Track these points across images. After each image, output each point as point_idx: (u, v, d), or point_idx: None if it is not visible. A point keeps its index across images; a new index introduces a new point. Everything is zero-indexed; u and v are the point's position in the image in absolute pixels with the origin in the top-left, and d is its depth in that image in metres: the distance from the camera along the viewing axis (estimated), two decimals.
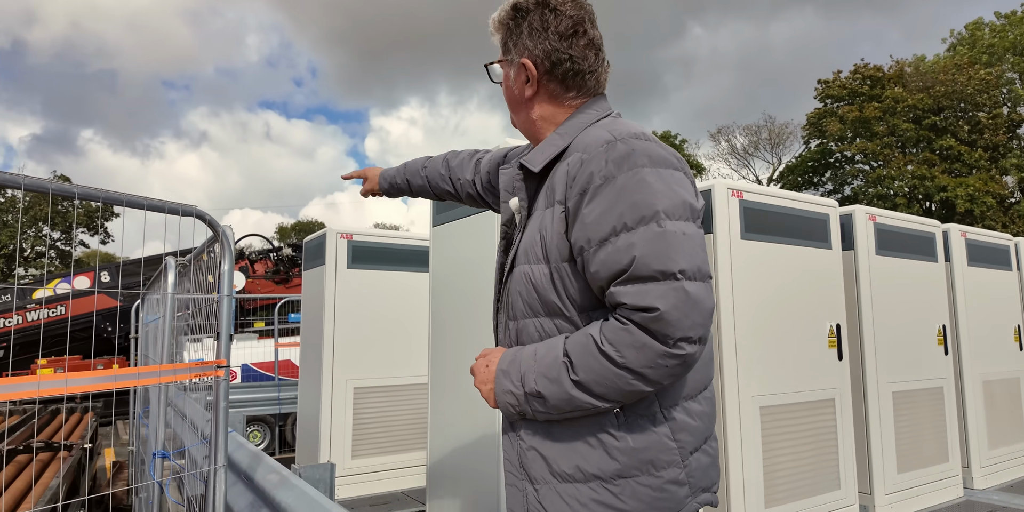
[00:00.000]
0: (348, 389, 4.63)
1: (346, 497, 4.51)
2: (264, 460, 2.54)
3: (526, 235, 1.24)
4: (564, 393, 1.11)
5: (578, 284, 1.16)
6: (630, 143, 1.12)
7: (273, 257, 12.79)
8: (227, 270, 2.32)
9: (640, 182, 1.09)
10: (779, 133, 30.89)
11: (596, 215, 1.10)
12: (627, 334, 1.06)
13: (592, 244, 1.11)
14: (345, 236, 4.75)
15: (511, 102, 1.37)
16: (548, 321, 1.19)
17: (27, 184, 1.76)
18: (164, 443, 3.34)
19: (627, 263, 1.06)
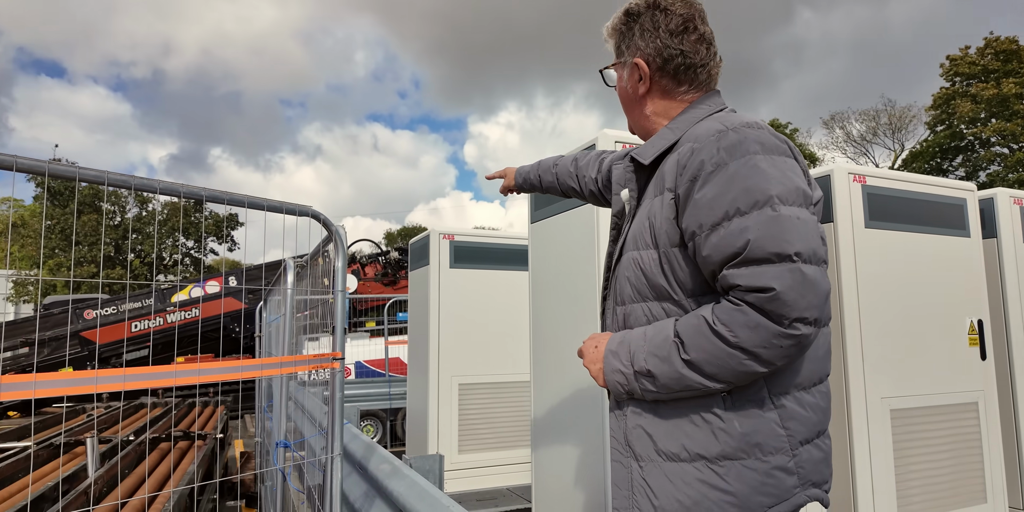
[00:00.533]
0: (453, 385, 4.73)
1: (453, 491, 4.60)
2: (377, 451, 2.63)
3: (635, 223, 1.29)
4: (674, 372, 1.13)
5: (687, 269, 1.19)
6: (742, 132, 1.15)
7: (381, 260, 13.37)
8: (340, 267, 2.42)
9: (753, 168, 1.10)
10: (900, 117, 28.57)
11: (708, 200, 1.12)
12: (741, 314, 1.07)
13: (704, 228, 1.12)
14: (447, 237, 4.85)
15: (625, 102, 1.42)
16: (656, 305, 1.23)
17: (162, 188, 1.91)
18: (286, 434, 3.55)
19: (741, 246, 1.07)
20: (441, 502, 1.81)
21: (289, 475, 3.24)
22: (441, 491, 1.93)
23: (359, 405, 6.85)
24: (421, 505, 1.86)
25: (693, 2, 1.33)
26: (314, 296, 3.76)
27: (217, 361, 4.04)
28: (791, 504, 1.14)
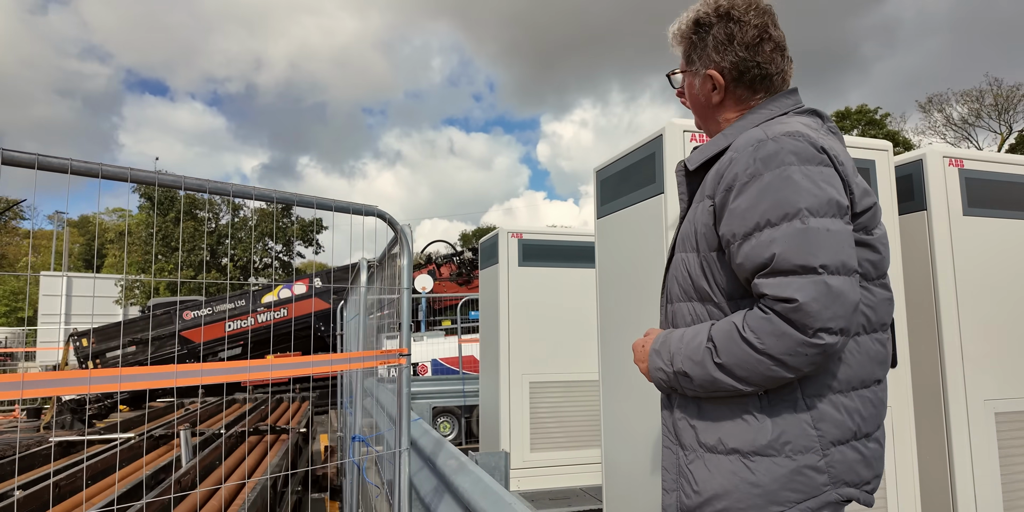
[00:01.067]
0: (524, 384, 4.72)
1: (526, 489, 4.59)
2: (445, 446, 2.66)
3: (684, 226, 1.35)
4: (708, 375, 1.20)
5: (725, 273, 1.24)
6: (780, 141, 1.16)
7: (456, 260, 13.60)
8: (405, 265, 2.46)
9: (786, 180, 1.13)
10: (1008, 97, 26.31)
11: (741, 210, 1.16)
12: (768, 323, 1.12)
13: (737, 238, 1.17)
14: (515, 235, 4.86)
15: (697, 107, 1.44)
16: (700, 306, 1.29)
17: (235, 191, 2.00)
18: (362, 429, 3.65)
19: (768, 258, 1.12)
20: (504, 499, 1.81)
21: (365, 468, 3.33)
22: (504, 488, 1.92)
23: (435, 402, 6.98)
24: (484, 501, 1.86)
25: (765, 8, 1.32)
26: (388, 296, 3.85)
27: (289, 357, 4.20)
28: (821, 501, 1.18)
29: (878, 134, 27.88)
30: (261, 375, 1.91)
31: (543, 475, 4.69)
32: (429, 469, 2.78)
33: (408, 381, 2.26)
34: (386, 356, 2.21)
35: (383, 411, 4.40)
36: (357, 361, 2.18)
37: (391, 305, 3.87)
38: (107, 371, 1.57)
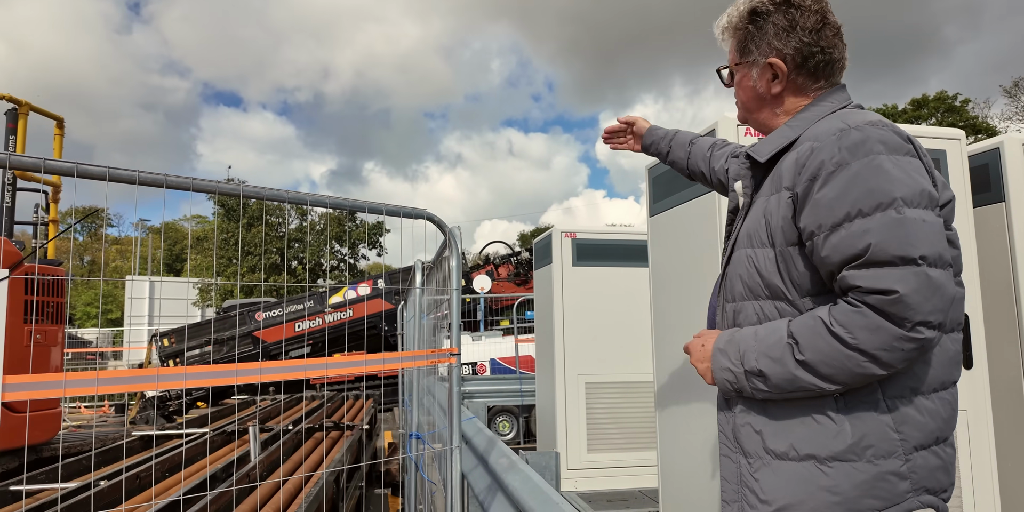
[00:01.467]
0: (580, 384, 4.71)
1: (584, 490, 4.58)
2: (497, 445, 2.69)
3: (749, 220, 1.28)
4: (787, 373, 1.13)
5: (803, 269, 1.18)
6: (865, 130, 1.12)
7: (513, 261, 13.67)
8: (455, 266, 2.50)
9: (876, 169, 1.09)
10: None
11: (828, 200, 1.11)
12: (860, 316, 1.06)
13: (823, 229, 1.11)
14: (569, 235, 4.85)
15: (752, 100, 1.38)
16: (769, 304, 1.23)
17: (291, 198, 2.09)
18: (420, 426, 3.74)
19: (862, 249, 1.07)
20: (552, 499, 1.81)
21: (422, 465, 3.41)
22: (553, 488, 1.93)
23: (493, 401, 7.04)
24: (533, 501, 1.87)
25: None
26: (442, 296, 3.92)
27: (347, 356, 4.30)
28: (902, 508, 1.12)
29: (957, 122, 26.29)
30: (315, 373, 1.99)
31: (600, 476, 4.66)
32: (483, 467, 2.82)
33: (458, 379, 2.30)
34: (436, 355, 2.25)
35: (440, 409, 4.48)
36: (408, 360, 2.23)
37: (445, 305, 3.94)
38: (172, 370, 1.67)
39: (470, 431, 3.22)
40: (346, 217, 29.70)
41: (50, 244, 6.88)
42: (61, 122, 6.98)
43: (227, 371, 1.71)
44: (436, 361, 2.25)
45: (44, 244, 6.52)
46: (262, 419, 5.86)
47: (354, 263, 32.30)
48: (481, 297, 12.11)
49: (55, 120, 6.91)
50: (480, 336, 9.46)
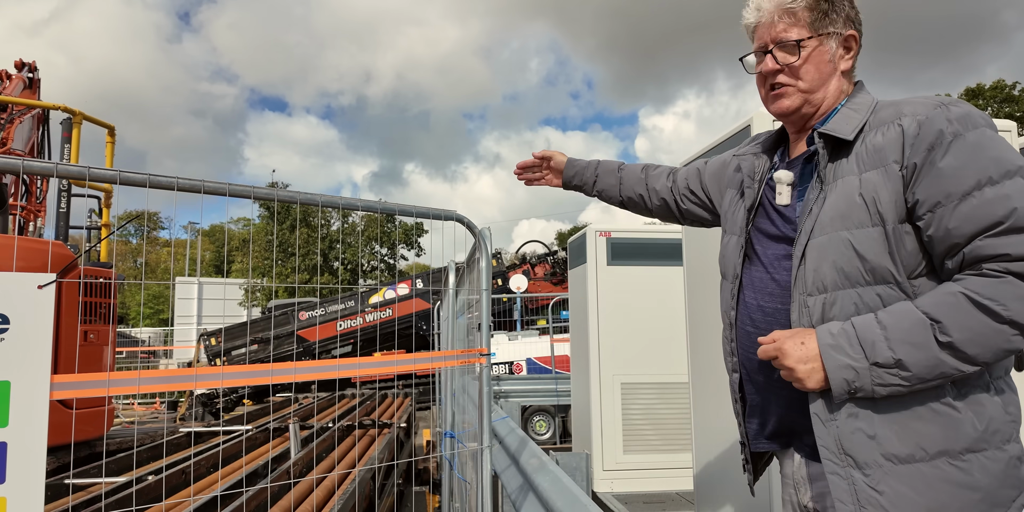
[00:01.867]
0: (615, 384, 4.67)
1: (620, 491, 4.55)
2: (528, 445, 2.69)
3: (834, 202, 1.18)
4: (932, 358, 1.05)
5: (911, 247, 1.13)
6: (961, 105, 1.13)
7: (550, 260, 13.66)
8: (484, 267, 2.52)
9: (992, 139, 1.09)
10: None
11: (954, 169, 1.08)
12: (1009, 286, 1.02)
13: (952, 198, 1.07)
14: (604, 234, 4.82)
15: (821, 77, 1.29)
16: (870, 291, 1.14)
17: (323, 202, 2.13)
18: (454, 425, 3.77)
19: (1004, 214, 1.03)
20: (580, 500, 1.81)
21: (457, 464, 3.43)
22: (581, 490, 1.92)
23: (529, 400, 7.04)
24: (561, 501, 1.87)
25: None
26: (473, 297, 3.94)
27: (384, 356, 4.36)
28: None
29: (1015, 112, 25.13)
30: (348, 373, 2.03)
31: (637, 477, 4.62)
32: (515, 467, 2.83)
33: (488, 379, 2.31)
34: (467, 355, 2.27)
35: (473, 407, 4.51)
36: (440, 360, 2.26)
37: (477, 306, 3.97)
38: (209, 370, 1.72)
39: (503, 431, 3.24)
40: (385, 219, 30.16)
41: (103, 247, 7.17)
42: (112, 130, 7.27)
43: (262, 371, 1.76)
44: (467, 361, 2.27)
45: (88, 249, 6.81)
46: (303, 416, 6.00)
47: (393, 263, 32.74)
48: (517, 296, 12.13)
49: (107, 128, 7.21)
50: (516, 335, 9.48)
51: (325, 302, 14.21)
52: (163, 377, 1.64)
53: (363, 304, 14.35)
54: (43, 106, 6.93)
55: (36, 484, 1.43)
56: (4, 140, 6.63)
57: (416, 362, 2.21)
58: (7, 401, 1.45)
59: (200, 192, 1.87)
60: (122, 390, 1.58)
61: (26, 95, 7.34)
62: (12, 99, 6.86)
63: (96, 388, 1.56)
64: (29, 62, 7.96)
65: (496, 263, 14.64)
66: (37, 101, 7.08)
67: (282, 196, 2.09)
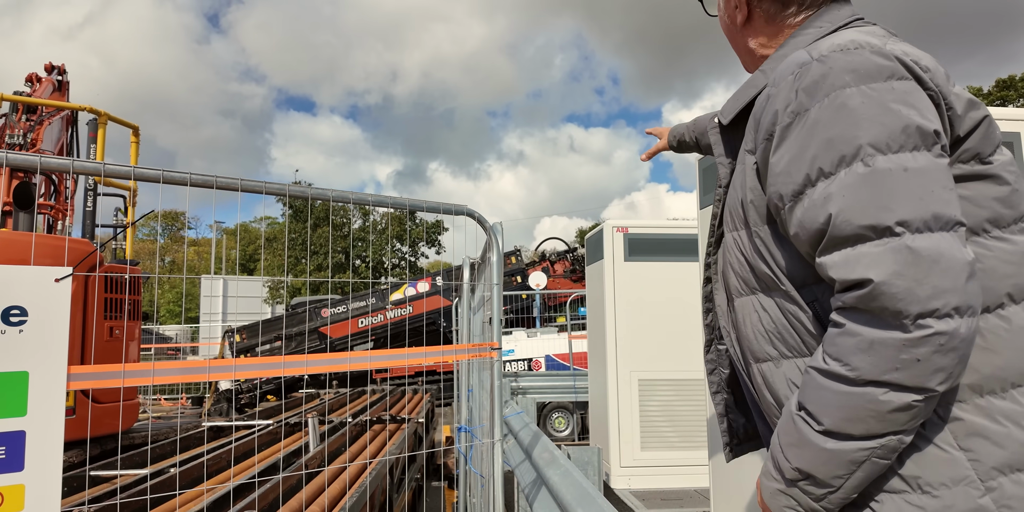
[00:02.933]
0: (633, 381, 4.65)
1: (637, 488, 4.53)
2: (541, 440, 2.69)
3: (729, 196, 1.03)
4: (822, 454, 0.83)
5: (783, 251, 0.92)
6: (829, 60, 0.86)
7: (570, 257, 13.64)
8: (496, 263, 2.52)
9: (838, 109, 0.83)
10: None
11: (785, 163, 0.87)
12: (847, 337, 0.80)
13: (786, 200, 0.87)
14: (621, 230, 4.79)
15: (727, 34, 1.18)
16: (767, 299, 0.95)
17: (334, 196, 2.16)
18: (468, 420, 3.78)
19: (823, 221, 0.82)
20: (589, 493, 1.81)
21: (471, 458, 3.45)
22: (591, 483, 1.92)
23: (547, 397, 7.04)
24: (571, 495, 1.87)
25: None
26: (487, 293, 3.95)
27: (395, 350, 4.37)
28: None
29: None
30: (361, 366, 2.05)
31: (655, 474, 4.59)
32: (528, 461, 2.83)
33: (499, 373, 2.31)
34: (478, 349, 2.28)
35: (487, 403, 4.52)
36: (451, 354, 2.27)
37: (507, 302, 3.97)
38: (223, 362, 1.75)
39: (517, 425, 3.24)
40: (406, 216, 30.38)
41: (128, 245, 7.33)
42: (136, 131, 7.42)
43: (275, 363, 1.78)
44: (478, 355, 2.28)
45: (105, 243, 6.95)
46: (323, 412, 6.07)
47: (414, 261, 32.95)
48: (536, 293, 12.13)
49: (131, 128, 7.36)
50: (535, 332, 9.48)
51: (347, 299, 14.36)
52: (177, 369, 1.67)
53: (384, 301, 14.46)
54: (70, 107, 7.09)
55: (54, 472, 1.47)
56: (34, 141, 6.80)
57: (427, 355, 2.23)
58: (25, 391, 1.49)
59: (213, 188, 1.91)
60: (137, 381, 1.61)
61: (55, 97, 7.52)
62: (40, 101, 7.03)
63: (112, 379, 1.60)
64: (58, 65, 8.15)
65: (515, 260, 14.65)
66: (64, 103, 7.25)
67: (295, 191, 2.12)
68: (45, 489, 1.47)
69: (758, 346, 0.97)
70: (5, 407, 1.44)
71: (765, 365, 0.97)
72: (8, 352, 1.45)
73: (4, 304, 1.45)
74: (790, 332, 0.92)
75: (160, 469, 3.61)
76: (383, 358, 2.15)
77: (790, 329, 0.92)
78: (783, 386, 0.94)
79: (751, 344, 0.99)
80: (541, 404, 7.43)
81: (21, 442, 1.45)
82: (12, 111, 7.21)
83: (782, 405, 0.95)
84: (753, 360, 0.99)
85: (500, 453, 2.25)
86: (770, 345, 0.95)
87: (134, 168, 1.79)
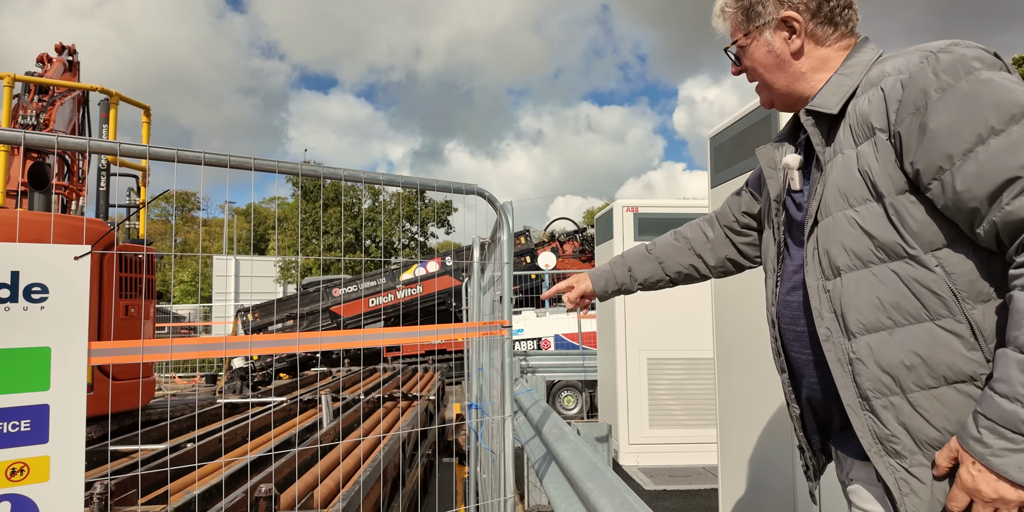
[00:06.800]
0: (642, 360, 4.68)
1: (645, 465, 4.58)
2: (551, 416, 2.73)
3: (832, 181, 1.13)
4: None
5: (922, 217, 1.03)
6: (953, 51, 1.02)
7: (579, 237, 13.62)
8: (506, 241, 2.53)
9: (989, 82, 0.97)
10: None
11: (948, 127, 0.98)
12: None
13: (955, 159, 0.97)
14: (631, 209, 4.78)
15: (770, 70, 1.28)
16: (884, 269, 1.06)
17: (346, 175, 2.17)
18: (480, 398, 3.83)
19: (1017, 166, 0.92)
20: (598, 467, 1.84)
21: (481, 434, 3.50)
22: (601, 457, 1.95)
23: (556, 375, 7.10)
24: (580, 469, 1.90)
25: None
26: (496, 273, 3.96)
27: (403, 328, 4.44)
28: None
29: None
30: (372, 343, 2.08)
31: (663, 451, 4.65)
32: (538, 437, 2.87)
33: (509, 350, 2.34)
34: (488, 327, 2.30)
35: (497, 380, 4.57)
36: (461, 331, 2.29)
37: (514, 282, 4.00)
38: (239, 338, 1.78)
39: (526, 402, 3.28)
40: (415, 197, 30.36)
41: (141, 225, 7.39)
42: (148, 110, 7.43)
43: (290, 340, 1.81)
44: (488, 333, 2.30)
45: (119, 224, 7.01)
46: (335, 389, 6.16)
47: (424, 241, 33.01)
48: (546, 273, 12.15)
49: (143, 109, 7.37)
50: (545, 312, 9.52)
51: (357, 279, 14.45)
52: (195, 345, 1.71)
53: (394, 281, 14.54)
54: (81, 87, 7.10)
55: (77, 444, 1.52)
56: (47, 121, 6.83)
57: (439, 333, 2.25)
58: (48, 365, 1.53)
59: (227, 167, 1.92)
60: (156, 357, 1.65)
61: (66, 78, 7.53)
62: (52, 81, 7.05)
63: (131, 355, 1.63)
64: (69, 45, 8.14)
65: (525, 241, 14.65)
66: (75, 83, 7.26)
67: (307, 171, 2.12)
68: (69, 461, 1.52)
69: (872, 317, 1.06)
70: (29, 381, 1.48)
71: (876, 335, 1.06)
72: (31, 328, 1.49)
73: (26, 281, 1.49)
74: (910, 299, 1.03)
75: (178, 444, 3.70)
76: (395, 335, 2.18)
77: (910, 296, 1.03)
78: (894, 354, 1.04)
79: (863, 316, 1.07)
80: (550, 383, 7.49)
81: (45, 415, 1.49)
82: (24, 92, 7.23)
83: (888, 373, 1.04)
84: (863, 332, 1.07)
85: (511, 429, 2.28)
86: (885, 315, 1.05)
87: (148, 147, 1.80)
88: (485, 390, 3.80)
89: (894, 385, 1.03)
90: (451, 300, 13.66)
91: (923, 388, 1.01)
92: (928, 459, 1.01)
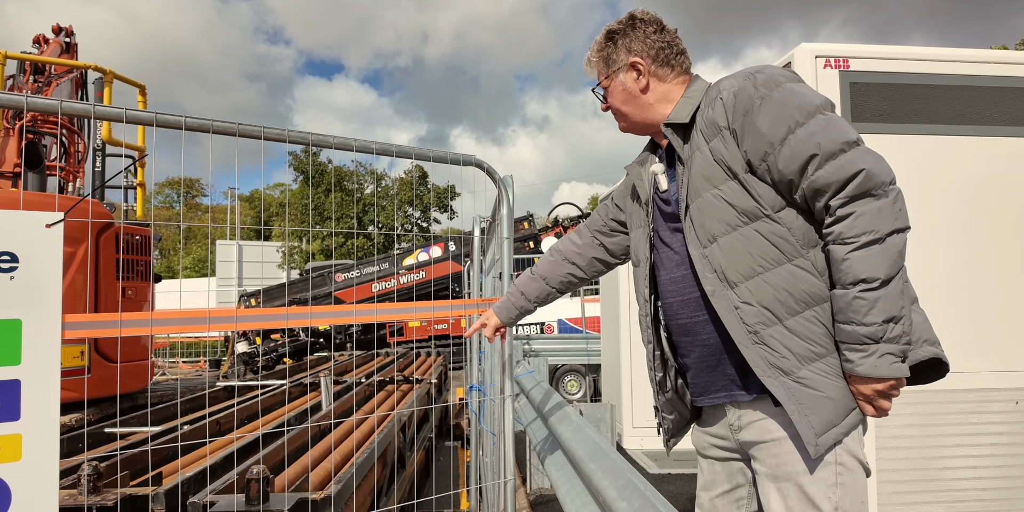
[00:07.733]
0: None
1: (649, 449, 4.52)
2: (552, 397, 2.65)
3: (695, 171, 1.42)
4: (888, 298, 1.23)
5: (763, 188, 1.35)
6: (766, 71, 1.38)
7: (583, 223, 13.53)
8: (506, 215, 2.43)
9: (791, 91, 1.33)
10: None
11: (769, 123, 1.32)
12: (860, 216, 1.22)
13: (775, 146, 1.31)
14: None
15: (627, 102, 1.58)
16: (748, 229, 1.35)
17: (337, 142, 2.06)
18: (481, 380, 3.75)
19: (815, 146, 1.26)
20: (601, 447, 1.76)
21: (482, 416, 3.43)
22: (603, 437, 1.87)
23: (559, 359, 7.02)
24: (583, 449, 1.83)
25: (654, 14, 1.59)
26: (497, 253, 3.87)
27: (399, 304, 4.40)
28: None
29: None
30: (365, 319, 2.00)
31: None
32: (540, 419, 2.80)
33: (509, 333, 2.25)
34: (485, 305, 2.21)
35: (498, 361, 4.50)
36: (459, 308, 2.20)
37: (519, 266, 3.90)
38: (223, 312, 1.70)
39: (528, 384, 3.20)
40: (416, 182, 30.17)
41: (139, 207, 7.30)
42: (143, 89, 7.30)
43: (278, 315, 1.73)
44: (481, 310, 2.21)
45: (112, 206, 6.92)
46: (338, 373, 6.10)
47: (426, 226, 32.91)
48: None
49: (138, 87, 7.25)
50: None
51: (360, 264, 14.40)
52: (176, 319, 1.62)
53: (397, 266, 14.49)
54: (73, 65, 6.98)
55: (50, 421, 1.44)
56: None
57: (436, 309, 2.17)
58: (19, 339, 1.44)
59: (209, 131, 1.82)
60: (135, 331, 1.56)
61: (63, 59, 7.40)
62: (44, 58, 6.93)
63: (108, 328, 1.55)
64: (66, 27, 8.00)
65: (528, 226, 14.55)
66: (67, 60, 7.13)
67: (295, 136, 2.02)
68: (42, 439, 1.44)
69: (747, 267, 1.35)
70: None
71: (752, 281, 1.35)
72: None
73: None
74: (770, 248, 1.34)
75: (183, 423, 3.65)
76: (390, 311, 2.09)
77: (770, 246, 1.34)
78: (768, 292, 1.33)
79: (740, 268, 1.36)
80: (554, 367, 7.43)
81: (16, 391, 1.41)
82: (20, 72, 7.12)
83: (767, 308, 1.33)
84: (741, 281, 1.35)
85: (511, 409, 2.20)
86: (756, 263, 1.35)
87: (156, 114, 1.71)
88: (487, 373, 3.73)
89: (773, 317, 1.32)
90: (455, 285, 13.60)
91: (793, 314, 1.31)
92: (809, 372, 1.30)
